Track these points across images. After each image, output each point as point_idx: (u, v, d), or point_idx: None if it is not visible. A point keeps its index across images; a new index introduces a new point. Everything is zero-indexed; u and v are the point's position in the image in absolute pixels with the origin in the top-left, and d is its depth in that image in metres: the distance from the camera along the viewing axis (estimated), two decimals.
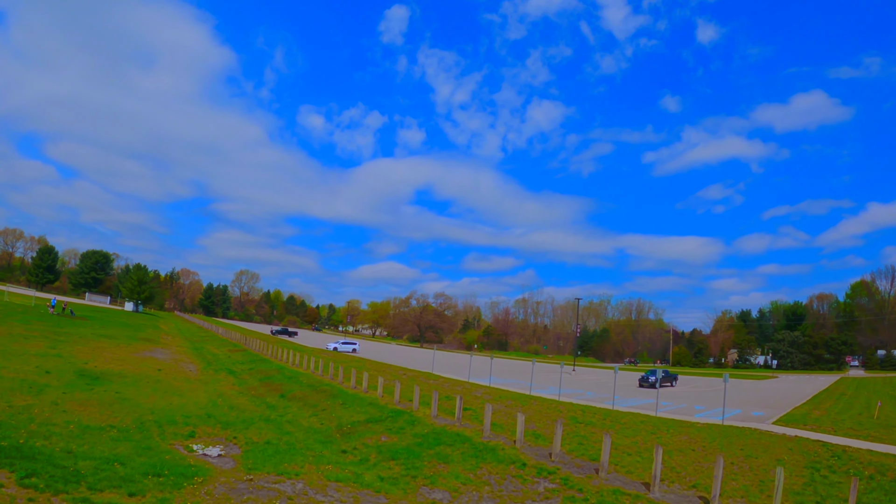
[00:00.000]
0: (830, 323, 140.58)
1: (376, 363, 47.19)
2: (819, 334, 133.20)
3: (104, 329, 53.04)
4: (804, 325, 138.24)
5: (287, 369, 39.04)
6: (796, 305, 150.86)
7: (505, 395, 32.41)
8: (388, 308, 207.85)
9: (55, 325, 48.76)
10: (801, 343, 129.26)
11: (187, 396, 28.27)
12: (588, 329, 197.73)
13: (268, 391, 32.19)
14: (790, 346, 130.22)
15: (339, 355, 54.00)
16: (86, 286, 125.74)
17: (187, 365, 39.60)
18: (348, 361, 44.92)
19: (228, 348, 55.71)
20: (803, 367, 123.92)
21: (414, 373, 40.63)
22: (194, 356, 45.96)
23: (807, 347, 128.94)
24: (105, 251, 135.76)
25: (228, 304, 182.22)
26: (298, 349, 52.52)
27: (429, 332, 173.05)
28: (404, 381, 32.58)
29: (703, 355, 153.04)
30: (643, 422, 25.74)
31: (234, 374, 38.05)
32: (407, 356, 79.35)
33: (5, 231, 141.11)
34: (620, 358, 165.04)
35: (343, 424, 24.18)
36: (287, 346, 58.18)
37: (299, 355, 42.53)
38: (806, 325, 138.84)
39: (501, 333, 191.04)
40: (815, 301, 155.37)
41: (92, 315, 69.39)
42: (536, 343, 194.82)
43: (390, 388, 30.36)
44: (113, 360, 36.20)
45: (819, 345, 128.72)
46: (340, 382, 33.09)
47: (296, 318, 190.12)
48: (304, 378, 34.97)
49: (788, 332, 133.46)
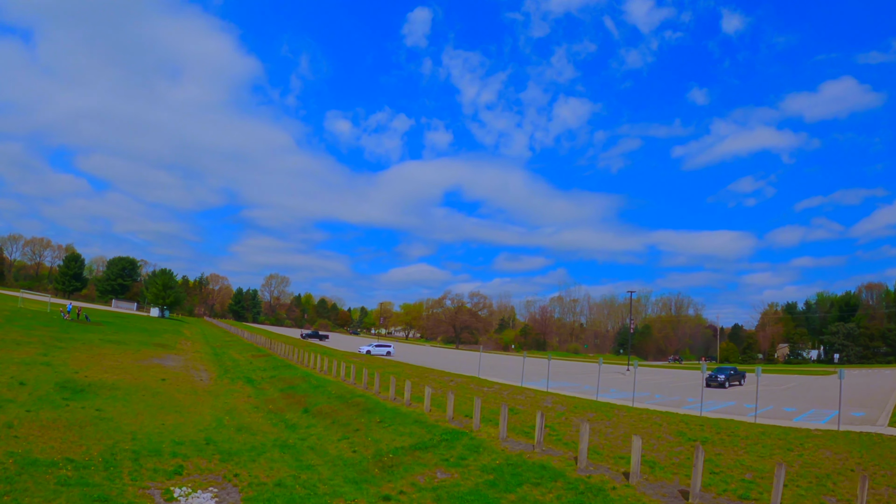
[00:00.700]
0: (881, 314, 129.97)
1: (416, 367, 41.08)
2: (874, 325, 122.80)
3: (116, 334, 48.22)
4: (858, 317, 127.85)
5: (313, 377, 33.19)
6: (848, 296, 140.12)
7: (580, 405, 25.95)
8: (420, 309, 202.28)
9: (61, 331, 44.03)
10: (857, 335, 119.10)
11: (187, 414, 22.54)
12: (627, 326, 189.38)
13: (289, 404, 26.28)
14: (845, 339, 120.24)
15: (373, 359, 48.07)
16: (112, 293, 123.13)
17: (199, 373, 34.11)
18: (384, 366, 38.96)
19: (251, 353, 50.37)
20: (859, 361, 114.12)
21: (462, 378, 34.36)
22: (211, 363, 40.58)
23: (862, 340, 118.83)
24: (132, 257, 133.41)
25: (259, 308, 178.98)
26: (328, 353, 46.82)
27: (464, 333, 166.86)
28: (454, 391, 26.33)
29: (751, 351, 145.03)
30: (764, 433, 19.57)
31: (252, 384, 32.35)
32: (446, 358, 73.16)
33: (33, 240, 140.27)
34: (663, 355, 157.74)
35: (382, 452, 18.01)
36: (315, 350, 52.64)
37: (328, 360, 36.70)
38: (860, 317, 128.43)
39: (539, 333, 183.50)
40: (864, 291, 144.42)
41: (110, 321, 65.12)
42: (575, 342, 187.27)
43: (440, 400, 24.18)
44: (110, 368, 30.86)
45: (875, 336, 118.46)
46: (377, 393, 26.99)
47: (327, 322, 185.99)
48: (332, 387, 29.00)
49: (842, 324, 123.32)
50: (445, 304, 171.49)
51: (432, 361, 61.59)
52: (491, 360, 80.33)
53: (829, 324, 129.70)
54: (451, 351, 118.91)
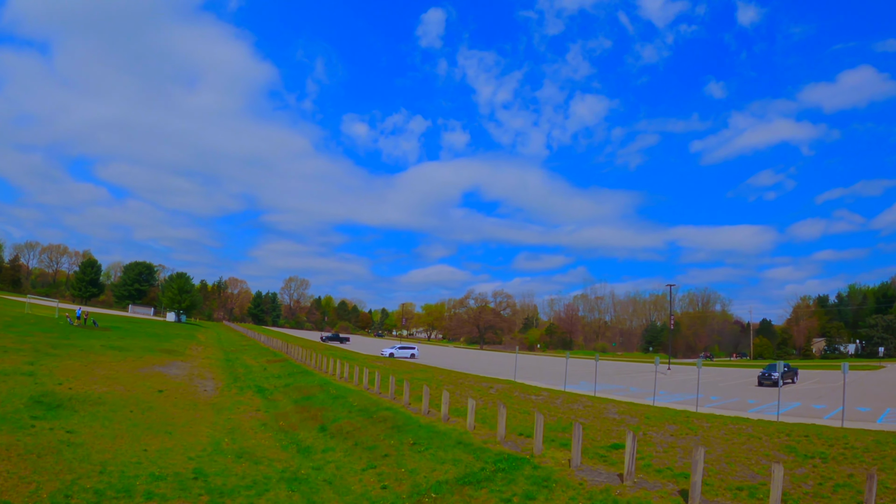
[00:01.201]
0: None
1: (447, 372, 36.76)
2: None
3: (121, 340, 44.71)
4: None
5: (332, 384, 29.05)
6: (885, 287, 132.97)
7: (650, 414, 21.46)
8: (442, 310, 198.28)
9: (61, 337, 40.59)
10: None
11: (179, 435, 18.49)
12: (656, 323, 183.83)
13: (303, 420, 22.12)
14: (884, 332, 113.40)
15: (399, 364, 43.95)
16: (129, 298, 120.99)
17: (204, 382, 30.20)
18: (411, 371, 34.75)
19: (266, 358, 46.52)
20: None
21: (503, 384, 29.94)
22: (220, 370, 36.73)
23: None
24: (148, 262, 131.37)
25: (278, 311, 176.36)
26: (348, 357, 42.76)
27: (488, 333, 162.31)
28: (499, 401, 21.96)
29: (785, 346, 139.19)
30: (878, 442, 15.67)
31: (263, 394, 28.30)
32: (473, 360, 68.86)
33: (49, 247, 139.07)
34: (693, 352, 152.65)
35: (421, 488, 13.71)
36: (335, 353, 48.64)
37: (349, 365, 32.55)
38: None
39: (565, 331, 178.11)
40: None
41: (122, 326, 61.94)
42: (601, 340, 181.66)
43: (484, 414, 19.87)
44: (102, 378, 27.04)
45: None
46: (406, 405, 22.70)
47: (348, 324, 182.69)
48: (354, 398, 24.81)
49: (881, 316, 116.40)
50: (468, 303, 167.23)
51: (460, 364, 57.29)
52: (521, 360, 75.69)
53: (864, 316, 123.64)
54: (477, 352, 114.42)
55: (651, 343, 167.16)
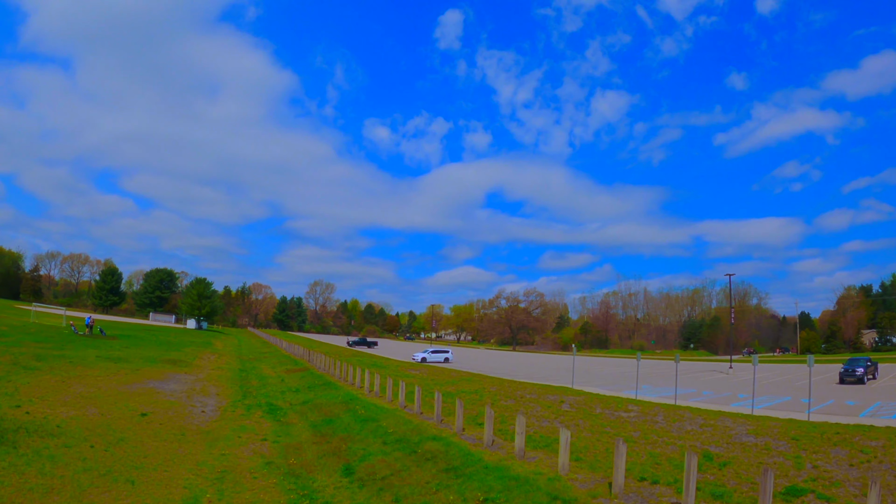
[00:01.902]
0: None
1: (498, 381, 30.76)
2: None
3: (124, 350, 39.72)
4: None
5: (360, 401, 23.31)
6: None
7: (798, 433, 15.27)
8: (471, 311, 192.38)
9: (54, 347, 35.70)
10: None
11: (143, 487, 12.87)
12: (695, 318, 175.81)
13: (322, 456, 16.32)
14: None
15: (437, 372, 38.17)
16: (151, 306, 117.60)
17: (205, 400, 24.72)
18: (455, 380, 28.90)
19: (286, 367, 41.15)
20: None
21: (578, 396, 23.82)
22: (230, 383, 31.32)
23: None
24: (169, 269, 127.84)
25: (304, 316, 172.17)
26: (377, 365, 37.11)
27: (521, 333, 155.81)
28: (573, 421, 15.92)
29: (834, 339, 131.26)
30: None
31: (275, 415, 22.66)
32: (516, 364, 62.72)
33: (71, 256, 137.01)
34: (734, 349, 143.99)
35: None
36: (363, 360, 43.19)
37: (380, 376, 26.77)
38: None
39: (601, 329, 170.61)
40: None
41: (135, 334, 57.39)
42: (639, 338, 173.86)
43: (577, 447, 13.87)
44: (77, 398, 21.70)
45: None
46: (460, 432, 16.78)
47: (375, 328, 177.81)
48: (389, 420, 19.00)
49: None
50: (500, 303, 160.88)
51: (501, 367, 51.29)
52: (562, 362, 68.92)
53: None
54: (513, 354, 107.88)
55: (690, 339, 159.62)
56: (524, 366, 60.27)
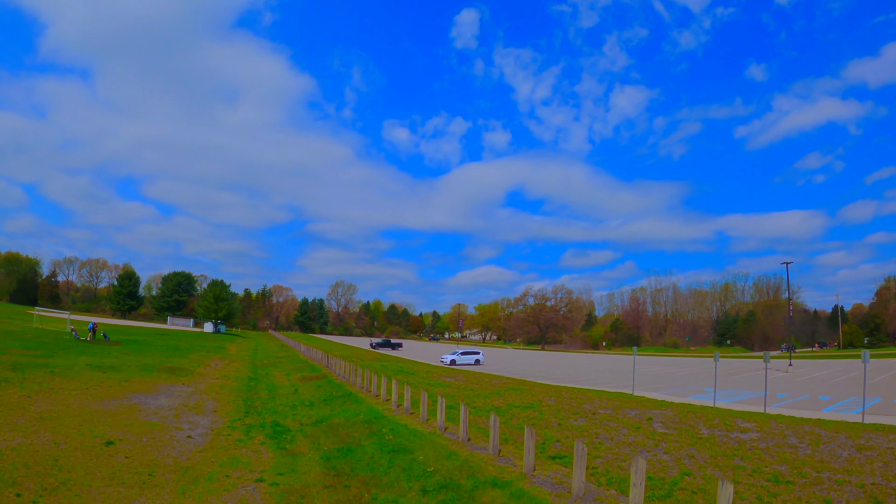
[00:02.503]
0: None
1: (555, 389, 25.63)
2: None
3: (122, 357, 35.47)
4: None
5: (386, 419, 18.43)
6: None
7: None
8: (497, 310, 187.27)
9: (43, 355, 31.61)
10: None
11: None
12: (728, 314, 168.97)
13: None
14: None
15: (476, 378, 33.27)
16: (169, 310, 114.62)
17: (197, 419, 20.08)
18: (500, 389, 23.87)
19: (302, 374, 36.57)
20: None
21: (666, 410, 18.59)
22: (235, 394, 26.73)
23: None
24: (187, 272, 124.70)
25: (326, 318, 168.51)
26: (405, 371, 32.32)
27: (550, 332, 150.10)
28: (682, 447, 10.78)
29: (878, 332, 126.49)
30: None
31: (281, 438, 17.87)
32: (555, 366, 57.36)
33: (89, 262, 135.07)
34: (770, 345, 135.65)
35: None
36: (387, 365, 38.44)
37: (410, 388, 21.83)
38: None
39: (632, 327, 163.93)
40: None
41: (143, 339, 53.51)
42: (672, 335, 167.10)
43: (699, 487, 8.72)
44: (34, 420, 17.21)
45: None
46: (530, 473, 11.72)
47: (399, 329, 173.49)
48: (426, 451, 14.04)
49: None
50: (527, 301, 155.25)
51: (539, 370, 46.10)
52: (601, 361, 63.04)
53: None
54: (546, 354, 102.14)
55: (724, 335, 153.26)
56: (563, 367, 54.99)
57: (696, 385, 35.63)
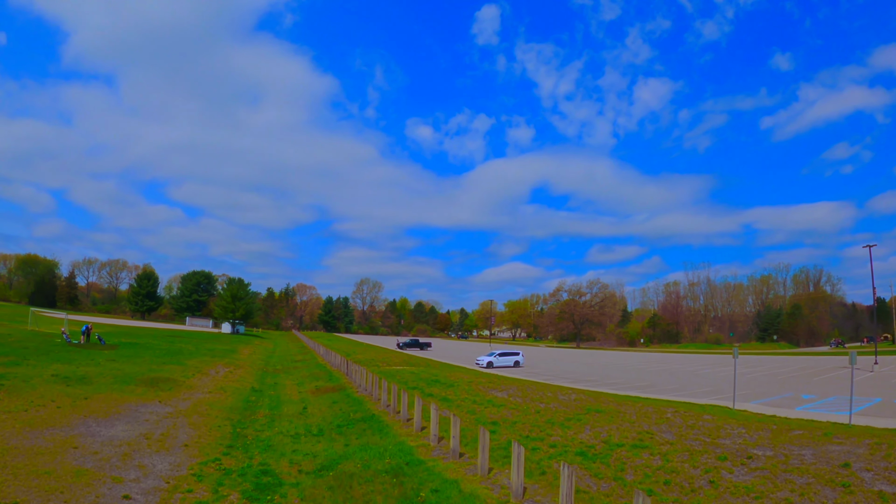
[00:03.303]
0: None
1: (655, 407, 18.88)
2: None
3: (104, 364, 29.83)
4: None
5: (424, 469, 12.06)
6: None
7: None
8: (527, 306, 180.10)
9: (10, 364, 25.97)
10: None
11: None
12: (771, 308, 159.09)
13: None
14: None
15: (540, 396, 26.77)
16: (188, 310, 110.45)
17: (153, 462, 13.99)
18: (580, 413, 17.27)
19: (316, 384, 30.54)
20: None
21: (878, 440, 11.75)
22: (225, 416, 20.72)
23: None
24: (207, 271, 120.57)
25: (351, 317, 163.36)
26: (441, 382, 25.89)
27: (585, 328, 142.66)
28: None
29: None
30: None
31: (264, 501, 11.56)
32: (606, 366, 50.24)
33: (108, 262, 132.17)
34: (816, 340, 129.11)
35: None
36: (418, 371, 32.22)
37: (454, 415, 15.38)
38: None
39: (671, 322, 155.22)
40: None
41: (145, 341, 48.23)
42: (714, 331, 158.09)
43: None
44: None
45: None
46: None
47: (426, 327, 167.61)
48: None
49: None
50: (560, 296, 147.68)
51: (592, 373, 39.19)
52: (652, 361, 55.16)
53: None
54: (587, 353, 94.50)
55: (767, 330, 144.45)
56: (613, 368, 48.11)
57: (787, 390, 28.81)
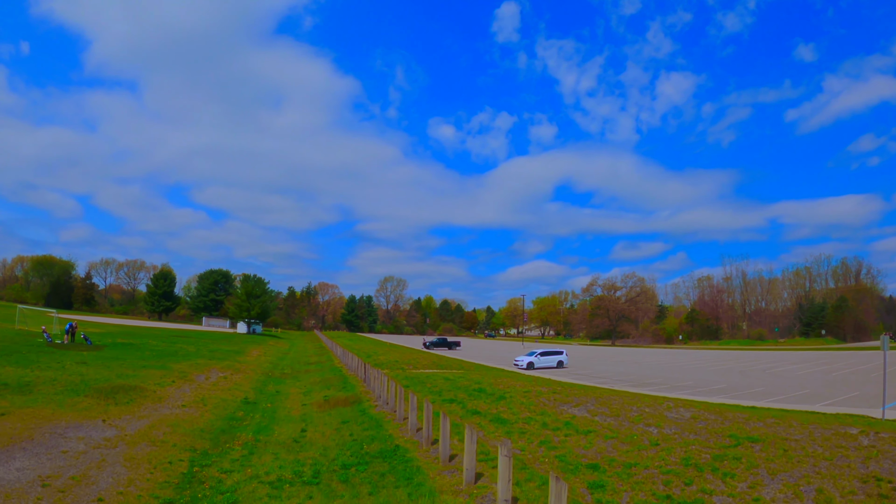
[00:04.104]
0: None
1: (825, 438, 12.30)
2: None
3: (68, 368, 24.40)
4: None
5: None
6: None
7: None
8: (556, 303, 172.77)
9: None
10: None
11: None
12: (815, 302, 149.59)
13: None
14: None
15: (643, 420, 20.29)
16: (205, 310, 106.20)
17: None
18: (729, 446, 10.86)
19: (325, 393, 24.63)
20: None
21: None
22: (189, 442, 14.91)
23: None
24: (225, 270, 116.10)
25: (375, 316, 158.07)
26: (486, 392, 19.71)
27: (622, 325, 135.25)
28: None
29: None
30: None
31: None
32: (658, 367, 43.28)
33: (126, 263, 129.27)
34: (863, 334, 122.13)
35: None
36: (454, 377, 26.13)
37: (507, 426, 9.14)
38: None
39: (710, 318, 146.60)
40: None
41: (141, 342, 43.12)
42: (753, 326, 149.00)
43: None
44: None
45: None
46: None
47: (452, 325, 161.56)
48: None
49: None
50: (594, 291, 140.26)
51: (660, 377, 32.48)
52: (706, 359, 47.74)
53: None
54: (627, 350, 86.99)
55: (811, 325, 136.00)
56: (675, 368, 41.38)
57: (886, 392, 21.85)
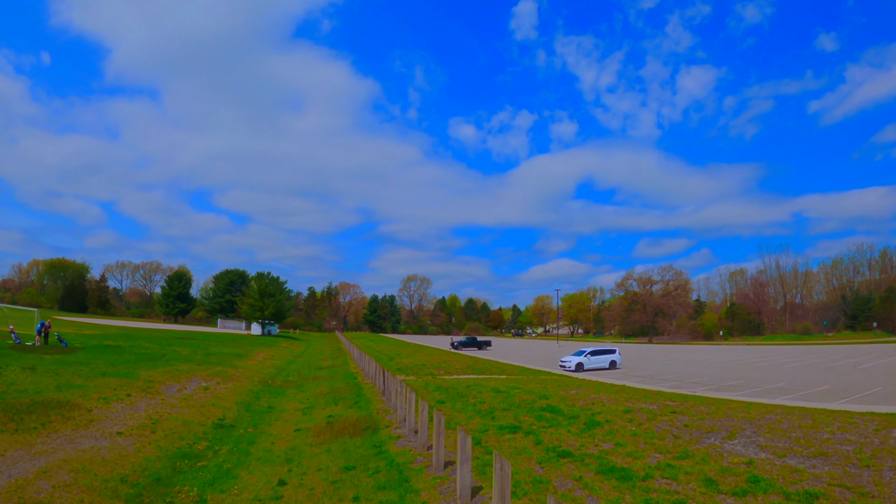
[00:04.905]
0: None
1: None
2: None
3: (7, 376, 18.68)
4: None
5: None
6: None
7: None
8: (586, 300, 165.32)
9: None
10: None
11: None
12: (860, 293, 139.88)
13: None
14: None
15: None
16: (221, 311, 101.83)
17: None
18: None
19: (332, 410, 18.63)
20: None
21: None
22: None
23: None
24: (241, 270, 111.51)
25: (398, 316, 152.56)
26: (560, 413, 13.38)
27: (659, 321, 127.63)
28: None
29: None
30: None
31: None
32: (730, 365, 36.21)
33: (142, 265, 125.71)
34: None
35: None
36: (497, 383, 19.96)
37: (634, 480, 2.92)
38: None
39: (752, 312, 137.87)
40: None
41: (134, 343, 37.83)
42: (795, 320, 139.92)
43: None
44: None
45: None
46: None
47: (478, 325, 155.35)
48: None
49: None
50: (629, 286, 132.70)
51: (739, 380, 25.69)
52: (770, 356, 39.92)
53: None
54: (679, 348, 78.99)
55: (857, 318, 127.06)
56: (742, 367, 34.58)
57: None
